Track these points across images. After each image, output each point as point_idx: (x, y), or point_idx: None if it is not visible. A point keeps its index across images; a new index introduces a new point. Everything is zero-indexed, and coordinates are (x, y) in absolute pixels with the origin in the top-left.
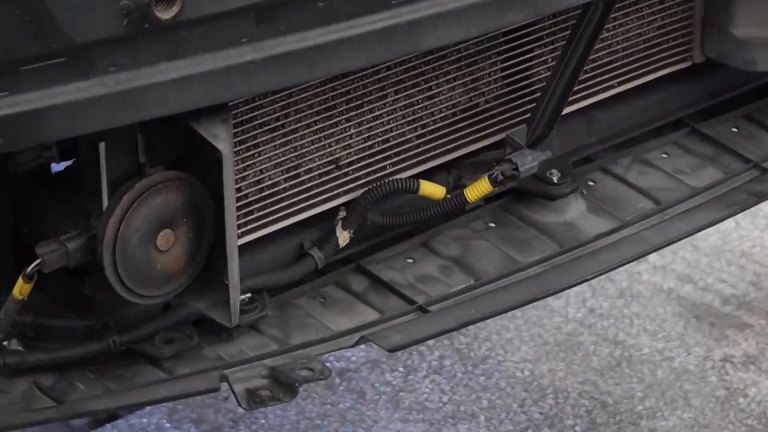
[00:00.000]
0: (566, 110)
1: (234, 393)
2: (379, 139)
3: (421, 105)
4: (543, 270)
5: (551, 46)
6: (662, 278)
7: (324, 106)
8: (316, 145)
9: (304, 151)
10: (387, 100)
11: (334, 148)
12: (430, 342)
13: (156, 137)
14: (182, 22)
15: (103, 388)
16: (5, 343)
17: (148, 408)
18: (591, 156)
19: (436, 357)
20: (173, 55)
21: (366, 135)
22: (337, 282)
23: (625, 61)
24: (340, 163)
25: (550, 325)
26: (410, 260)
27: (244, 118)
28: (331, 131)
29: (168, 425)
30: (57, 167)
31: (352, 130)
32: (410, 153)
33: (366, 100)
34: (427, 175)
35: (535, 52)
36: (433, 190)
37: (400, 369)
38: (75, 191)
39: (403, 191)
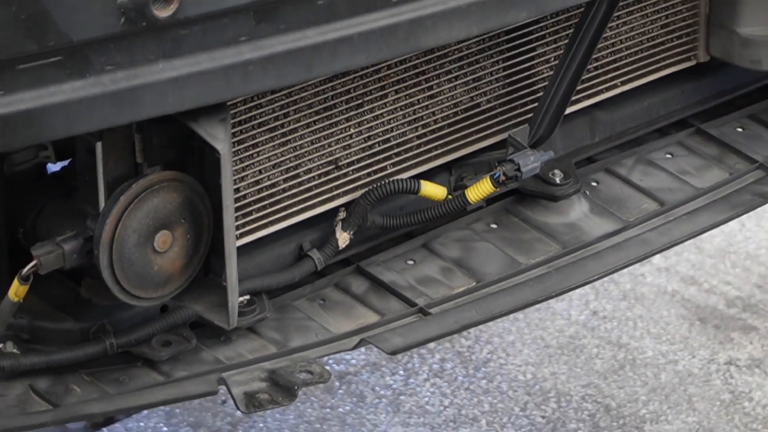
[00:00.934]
0: (569, 110)
1: (232, 396)
2: (380, 139)
3: (422, 104)
4: (545, 272)
5: (554, 45)
6: (666, 280)
7: (323, 106)
8: (315, 145)
9: (303, 151)
10: (387, 99)
11: (334, 148)
12: (431, 345)
13: (153, 137)
14: (180, 20)
15: (99, 391)
16: (0, 345)
17: (145, 411)
18: (594, 156)
19: (437, 360)
20: (171, 53)
21: (366, 135)
22: (336, 284)
23: (629, 60)
24: (340, 164)
25: (552, 328)
26: (411, 262)
27: (242, 117)
28: (330, 131)
29: (165, 429)
30: (53, 167)
31: (352, 130)
32: (411, 153)
33: (366, 99)
34: (428, 175)
35: (538, 51)
36: (434, 190)
37: (401, 372)
38: (71, 192)
39: (403, 192)
